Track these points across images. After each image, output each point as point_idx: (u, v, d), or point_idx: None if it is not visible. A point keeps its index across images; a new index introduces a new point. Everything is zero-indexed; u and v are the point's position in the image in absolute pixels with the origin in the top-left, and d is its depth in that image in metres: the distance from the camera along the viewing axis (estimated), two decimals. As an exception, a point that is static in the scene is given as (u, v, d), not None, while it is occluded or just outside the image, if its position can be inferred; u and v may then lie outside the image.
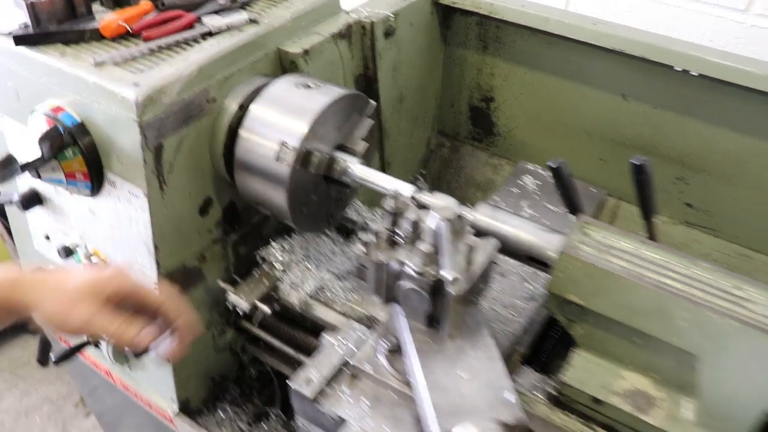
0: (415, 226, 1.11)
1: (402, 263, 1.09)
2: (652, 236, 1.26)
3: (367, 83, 1.71)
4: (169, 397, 1.68)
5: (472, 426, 0.99)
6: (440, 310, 1.11)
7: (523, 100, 1.90)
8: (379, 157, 1.86)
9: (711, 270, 1.09)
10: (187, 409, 1.70)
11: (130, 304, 1.02)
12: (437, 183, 2.10)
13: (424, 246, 1.05)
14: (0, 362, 3.13)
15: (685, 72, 1.56)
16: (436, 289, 1.08)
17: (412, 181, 1.59)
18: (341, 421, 1.17)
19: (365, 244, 1.12)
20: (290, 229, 1.59)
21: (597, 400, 1.19)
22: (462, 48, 1.92)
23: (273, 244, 1.51)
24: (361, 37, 1.62)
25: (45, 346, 3.08)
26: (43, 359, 3.13)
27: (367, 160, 1.41)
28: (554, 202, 1.54)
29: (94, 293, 0.98)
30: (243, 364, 1.81)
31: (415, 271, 1.06)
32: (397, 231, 1.13)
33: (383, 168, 1.90)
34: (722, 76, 1.52)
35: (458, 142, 2.11)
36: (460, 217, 1.10)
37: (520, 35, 1.79)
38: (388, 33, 1.65)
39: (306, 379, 1.23)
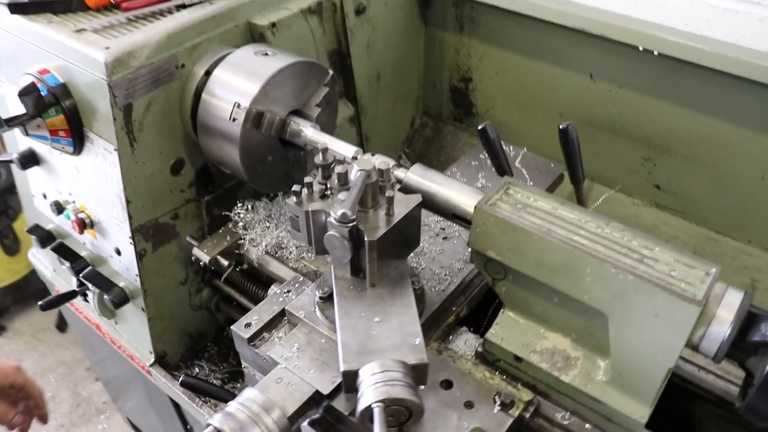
0: (342, 178, 1.18)
1: (327, 213, 1.16)
2: (580, 201, 1.29)
3: (340, 59, 1.79)
4: (147, 350, 1.79)
5: (375, 364, 1.05)
6: (363, 260, 1.18)
7: (497, 81, 1.95)
8: (356, 131, 1.93)
9: (621, 230, 1.12)
10: (163, 361, 1.81)
11: (14, 392, 1.46)
12: (419, 161, 2.15)
13: (343, 194, 1.12)
14: (22, 326, 3.34)
15: (648, 52, 1.59)
16: (359, 238, 1.15)
17: (396, 159, 1.65)
18: (274, 363, 1.25)
19: (297, 194, 1.19)
20: (262, 194, 1.68)
21: (518, 358, 1.24)
22: (441, 29, 1.98)
23: (238, 204, 1.61)
24: (332, 13, 1.71)
25: (63, 314, 3.28)
26: (61, 325, 3.32)
27: (325, 126, 1.49)
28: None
29: None
30: (220, 323, 1.91)
31: (335, 219, 1.13)
32: (328, 185, 1.21)
33: (361, 143, 1.97)
34: (681, 55, 1.54)
35: (441, 122, 2.16)
36: (383, 172, 1.17)
37: (493, 15, 1.84)
38: (359, 10, 1.73)
39: (246, 324, 1.32)
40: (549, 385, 1.22)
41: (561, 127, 1.20)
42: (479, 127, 1.22)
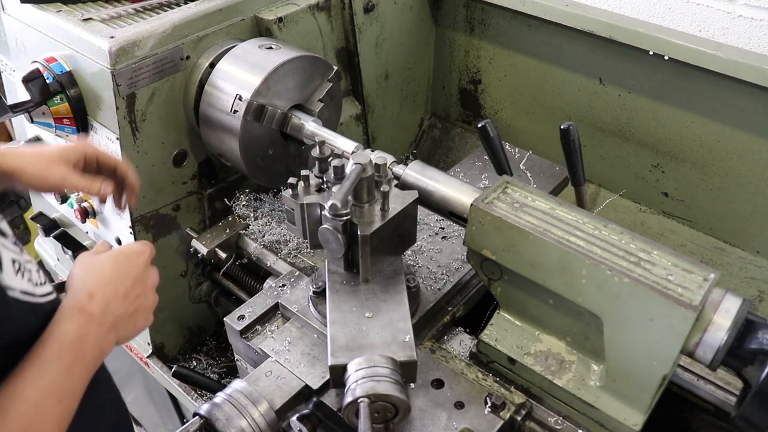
0: (338, 171, 1.17)
1: (323, 206, 1.15)
2: (581, 203, 1.27)
3: (348, 57, 1.79)
4: (145, 341, 1.79)
5: (362, 359, 1.04)
6: (356, 254, 1.16)
7: (507, 83, 1.93)
8: (363, 130, 1.92)
9: (619, 232, 1.10)
10: (161, 353, 1.81)
11: (92, 167, 1.26)
12: (426, 162, 2.15)
13: (337, 188, 1.11)
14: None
15: (658, 56, 1.56)
16: (352, 233, 1.14)
17: (403, 160, 1.64)
18: (265, 356, 1.24)
19: (293, 187, 1.18)
20: (265, 188, 1.68)
21: (512, 360, 1.22)
22: (451, 29, 1.97)
23: (241, 197, 1.61)
24: (340, 10, 1.70)
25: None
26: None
27: (327, 122, 1.49)
28: (515, 178, 1.56)
29: (66, 158, 1.21)
30: (219, 317, 1.90)
31: (329, 212, 1.12)
32: (325, 178, 1.20)
33: (368, 142, 1.96)
34: (692, 60, 1.51)
35: (449, 123, 2.15)
36: (380, 167, 1.16)
37: (503, 17, 1.82)
38: (368, 8, 1.72)
39: (240, 316, 1.31)
40: (542, 388, 1.20)
41: (562, 127, 1.18)
42: (479, 125, 1.21)
